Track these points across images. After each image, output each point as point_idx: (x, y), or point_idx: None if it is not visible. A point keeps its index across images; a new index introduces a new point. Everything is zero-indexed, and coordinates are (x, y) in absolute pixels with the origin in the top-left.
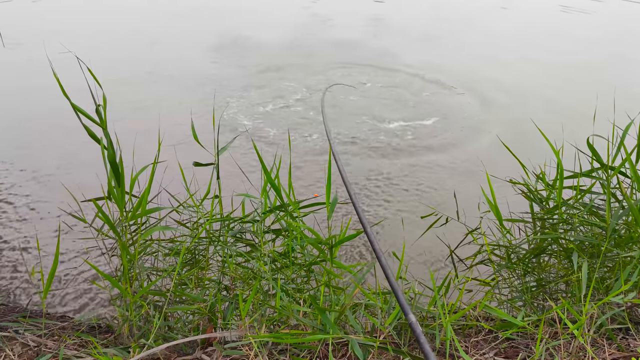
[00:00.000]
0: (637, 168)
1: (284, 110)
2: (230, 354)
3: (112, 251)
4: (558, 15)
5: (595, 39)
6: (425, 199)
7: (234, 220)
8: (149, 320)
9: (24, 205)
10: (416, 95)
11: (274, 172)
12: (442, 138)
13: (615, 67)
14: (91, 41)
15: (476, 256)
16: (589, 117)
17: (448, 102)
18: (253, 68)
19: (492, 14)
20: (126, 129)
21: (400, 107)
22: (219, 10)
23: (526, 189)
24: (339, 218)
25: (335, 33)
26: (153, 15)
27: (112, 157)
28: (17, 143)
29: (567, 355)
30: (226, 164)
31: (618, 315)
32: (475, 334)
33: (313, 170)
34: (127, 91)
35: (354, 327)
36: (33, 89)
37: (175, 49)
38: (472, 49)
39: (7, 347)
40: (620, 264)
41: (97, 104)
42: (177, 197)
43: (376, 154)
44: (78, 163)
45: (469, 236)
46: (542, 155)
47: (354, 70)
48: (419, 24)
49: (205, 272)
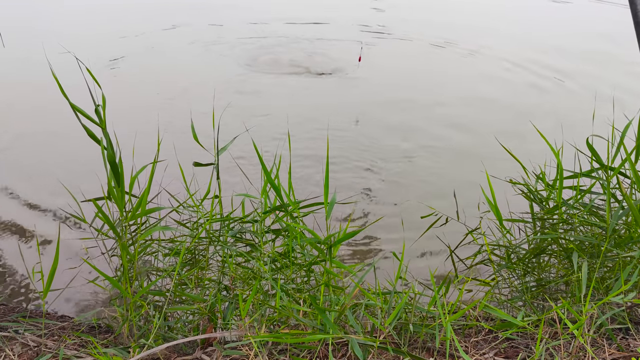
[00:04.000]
0: (637, 168)
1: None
2: (230, 354)
3: (112, 251)
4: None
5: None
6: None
7: (234, 220)
8: (149, 320)
9: (23, 205)
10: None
11: (274, 172)
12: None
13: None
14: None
15: (476, 256)
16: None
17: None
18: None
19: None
20: (126, 129)
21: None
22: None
23: (526, 189)
24: (339, 218)
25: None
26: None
27: (112, 157)
28: (17, 142)
29: (567, 355)
30: (226, 164)
31: (618, 315)
32: (475, 334)
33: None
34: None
35: (354, 327)
36: (33, 88)
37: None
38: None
39: (7, 347)
40: (620, 264)
41: (96, 104)
42: (177, 197)
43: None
44: (78, 163)
45: (469, 236)
46: (542, 155)
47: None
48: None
49: (205, 272)
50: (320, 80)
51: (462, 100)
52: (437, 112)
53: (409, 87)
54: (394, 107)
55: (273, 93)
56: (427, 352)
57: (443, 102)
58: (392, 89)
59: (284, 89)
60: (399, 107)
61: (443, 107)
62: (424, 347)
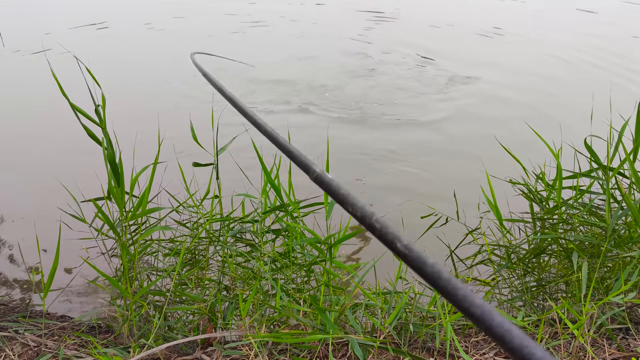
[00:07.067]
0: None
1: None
2: (230, 353)
3: (112, 251)
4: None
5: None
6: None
7: (234, 220)
8: (149, 320)
9: (23, 205)
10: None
11: (274, 172)
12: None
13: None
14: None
15: (476, 256)
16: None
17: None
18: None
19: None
20: (126, 129)
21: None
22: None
23: (526, 189)
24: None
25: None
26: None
27: (112, 157)
28: (16, 142)
29: (567, 355)
30: (226, 163)
31: (618, 315)
32: (476, 334)
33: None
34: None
35: (354, 327)
36: (34, 88)
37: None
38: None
39: (7, 347)
40: (620, 264)
41: (96, 104)
42: (177, 197)
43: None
44: (78, 162)
45: (469, 236)
46: (542, 155)
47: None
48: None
49: (205, 272)
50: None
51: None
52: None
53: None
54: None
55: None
56: (427, 352)
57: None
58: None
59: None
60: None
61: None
62: (424, 347)
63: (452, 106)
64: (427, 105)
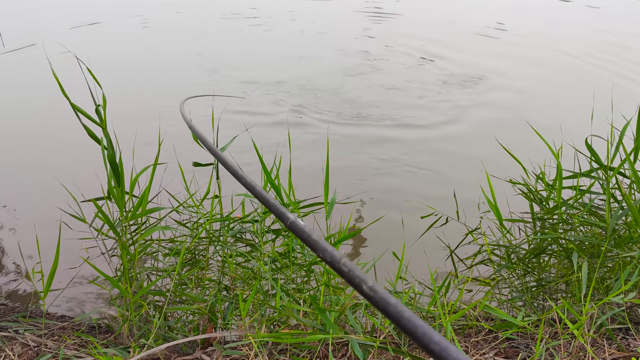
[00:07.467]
0: (637, 168)
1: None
2: (230, 354)
3: (112, 251)
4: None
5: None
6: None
7: (234, 220)
8: (149, 320)
9: (23, 205)
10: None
11: (274, 172)
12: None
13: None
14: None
15: (476, 256)
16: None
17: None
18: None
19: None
20: (126, 129)
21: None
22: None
23: (526, 189)
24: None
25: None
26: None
27: (112, 157)
28: (16, 141)
29: (567, 355)
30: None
31: (618, 315)
32: (475, 334)
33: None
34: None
35: (354, 327)
36: (34, 88)
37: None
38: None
39: (7, 347)
40: (620, 264)
41: (96, 104)
42: (177, 197)
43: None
44: (78, 162)
45: (469, 236)
46: (542, 155)
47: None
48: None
49: (205, 272)
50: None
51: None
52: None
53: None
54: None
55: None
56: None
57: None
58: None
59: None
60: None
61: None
62: None
63: (453, 106)
64: (428, 105)
